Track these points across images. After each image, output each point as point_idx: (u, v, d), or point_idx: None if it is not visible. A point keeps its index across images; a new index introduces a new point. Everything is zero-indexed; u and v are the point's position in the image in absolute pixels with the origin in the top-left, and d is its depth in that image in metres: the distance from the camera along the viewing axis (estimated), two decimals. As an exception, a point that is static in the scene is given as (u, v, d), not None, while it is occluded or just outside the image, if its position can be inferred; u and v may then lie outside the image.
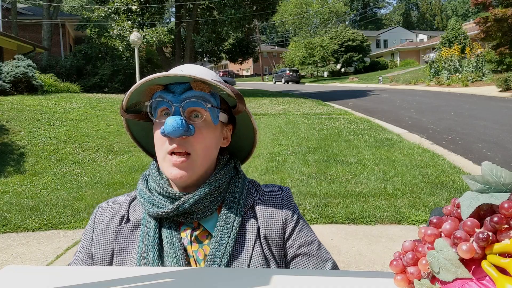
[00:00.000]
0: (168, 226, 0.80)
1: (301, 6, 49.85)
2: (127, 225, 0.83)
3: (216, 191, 0.81)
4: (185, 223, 0.81)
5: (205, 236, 0.80)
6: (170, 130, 0.73)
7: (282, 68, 40.73)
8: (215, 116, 0.80)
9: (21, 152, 6.60)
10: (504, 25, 17.19)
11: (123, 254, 0.81)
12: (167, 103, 0.77)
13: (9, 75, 10.04)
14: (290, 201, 0.86)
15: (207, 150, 0.80)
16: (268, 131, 8.41)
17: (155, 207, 0.79)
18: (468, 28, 29.29)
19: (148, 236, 0.79)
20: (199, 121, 0.78)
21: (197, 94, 0.77)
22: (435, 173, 5.29)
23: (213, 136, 0.81)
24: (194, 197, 0.77)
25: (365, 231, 3.77)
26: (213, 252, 0.76)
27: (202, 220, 0.81)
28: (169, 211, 0.77)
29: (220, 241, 0.77)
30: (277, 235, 0.81)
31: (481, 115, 9.82)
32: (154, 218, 0.81)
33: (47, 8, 18.09)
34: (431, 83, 20.26)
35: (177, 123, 0.73)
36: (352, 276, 0.62)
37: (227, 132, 0.87)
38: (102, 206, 0.89)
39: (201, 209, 0.79)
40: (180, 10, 17.75)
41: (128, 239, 0.82)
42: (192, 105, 0.77)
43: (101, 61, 15.86)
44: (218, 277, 0.63)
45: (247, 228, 0.80)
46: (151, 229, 0.79)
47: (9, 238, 3.90)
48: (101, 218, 0.86)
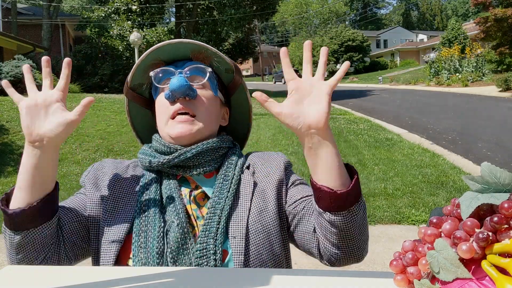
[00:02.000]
0: (168, 181, 0.81)
1: (301, 6, 49.86)
2: (126, 178, 0.84)
3: (216, 151, 0.84)
4: (184, 184, 0.82)
5: (202, 199, 0.81)
6: (176, 86, 0.77)
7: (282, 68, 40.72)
8: (214, 86, 0.85)
9: (21, 152, 6.58)
10: (504, 25, 17.19)
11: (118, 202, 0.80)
12: (171, 71, 0.82)
13: (9, 75, 10.04)
14: (282, 158, 0.89)
15: (209, 115, 0.83)
16: (268, 131, 8.41)
17: (155, 159, 0.81)
18: (468, 28, 29.29)
19: (149, 191, 0.80)
20: (201, 86, 0.83)
21: (197, 64, 0.83)
22: (435, 173, 5.29)
23: (214, 105, 0.85)
24: (196, 148, 0.80)
25: (365, 231, 3.77)
26: (213, 205, 0.77)
27: (200, 181, 0.82)
28: (171, 158, 0.79)
29: (220, 195, 0.79)
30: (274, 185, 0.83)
31: (481, 115, 9.81)
32: (155, 173, 0.82)
33: (47, 8, 18.09)
34: (431, 83, 20.26)
35: (182, 80, 0.77)
36: (352, 276, 0.62)
37: (225, 114, 0.92)
38: (101, 161, 0.90)
39: (202, 163, 0.81)
40: (180, 10, 17.76)
41: (126, 191, 0.82)
42: (193, 72, 0.83)
43: (101, 61, 15.86)
44: (218, 277, 0.63)
45: (244, 183, 0.83)
46: (152, 184, 0.81)
47: (9, 238, 3.90)
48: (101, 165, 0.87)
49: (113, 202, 0.80)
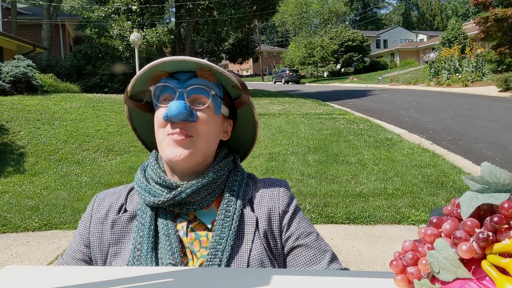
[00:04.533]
0: (164, 217, 0.78)
1: (301, 6, 49.87)
2: (124, 215, 0.82)
3: (215, 182, 0.80)
4: (181, 215, 0.80)
5: (202, 229, 0.79)
6: (174, 113, 0.73)
7: (282, 68, 40.71)
8: (217, 106, 0.80)
9: (21, 152, 6.60)
10: (504, 25, 17.19)
11: (118, 244, 0.80)
12: (172, 88, 0.77)
13: (9, 75, 10.03)
14: (287, 192, 0.85)
15: (208, 137, 0.79)
16: (268, 131, 8.41)
17: (151, 196, 0.78)
18: (468, 28, 29.30)
19: (144, 228, 0.78)
20: (202, 108, 0.77)
21: (202, 82, 0.78)
22: (435, 173, 5.29)
23: (214, 125, 0.80)
24: (191, 187, 0.76)
25: (365, 231, 3.77)
26: (214, 246, 0.75)
27: (198, 213, 0.80)
28: (165, 200, 0.76)
29: (221, 235, 0.76)
30: (275, 227, 0.80)
31: (481, 115, 9.81)
32: (150, 209, 0.80)
33: (47, 8, 18.09)
34: (431, 83, 20.25)
35: (181, 106, 0.73)
36: (352, 276, 0.62)
37: (228, 127, 0.87)
38: (100, 195, 0.88)
39: (198, 200, 0.78)
40: (180, 10, 17.76)
41: (124, 230, 0.81)
42: (196, 92, 0.77)
43: (101, 61, 15.85)
44: (218, 277, 0.63)
45: (246, 221, 0.79)
46: (147, 220, 0.78)
47: (9, 238, 3.90)
48: (100, 207, 0.85)
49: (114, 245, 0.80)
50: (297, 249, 0.80)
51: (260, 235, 0.79)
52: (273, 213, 0.81)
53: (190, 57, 0.76)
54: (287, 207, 0.83)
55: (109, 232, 0.81)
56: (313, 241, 0.81)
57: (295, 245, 0.80)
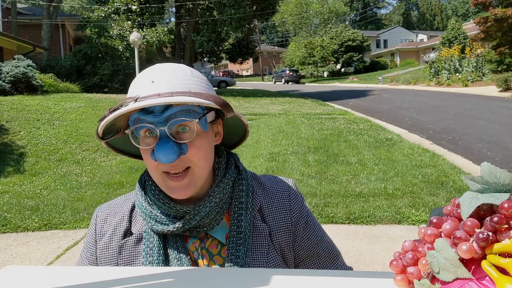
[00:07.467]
0: (174, 240, 0.75)
1: (301, 6, 49.91)
2: (130, 238, 0.79)
3: (221, 200, 0.77)
4: (191, 238, 0.78)
5: (215, 246, 0.77)
6: (165, 161, 0.67)
7: (282, 68, 40.72)
8: (204, 123, 0.72)
9: (21, 152, 6.60)
10: (504, 25, 17.20)
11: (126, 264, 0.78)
12: (150, 125, 0.68)
13: (9, 75, 10.03)
14: (297, 200, 0.83)
15: (205, 159, 0.74)
16: (268, 131, 8.41)
17: (158, 224, 0.75)
18: (468, 28, 29.29)
19: (152, 252, 0.75)
20: (189, 135, 0.70)
21: (180, 109, 0.68)
22: (435, 173, 5.29)
23: (206, 142, 0.74)
24: (199, 214, 0.73)
25: (365, 231, 3.77)
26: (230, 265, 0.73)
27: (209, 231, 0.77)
28: (174, 229, 0.73)
29: (236, 254, 0.74)
30: (288, 238, 0.80)
31: (481, 115, 9.81)
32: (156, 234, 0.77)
33: (47, 8, 18.08)
34: (431, 83, 20.26)
35: (169, 151, 0.66)
36: (352, 276, 0.62)
37: (218, 127, 0.80)
38: (100, 215, 0.84)
39: (208, 222, 0.75)
40: (180, 10, 17.76)
41: (132, 253, 0.78)
42: (177, 122, 0.69)
43: (101, 61, 15.85)
44: (218, 277, 0.63)
45: (259, 233, 0.78)
46: (155, 244, 0.76)
47: (9, 238, 3.90)
48: (103, 229, 0.83)
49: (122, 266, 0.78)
50: (309, 259, 0.82)
51: (275, 247, 0.78)
52: (286, 225, 0.80)
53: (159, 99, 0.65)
54: (298, 218, 0.82)
55: (117, 257, 0.79)
56: (323, 250, 0.83)
57: (307, 255, 0.81)
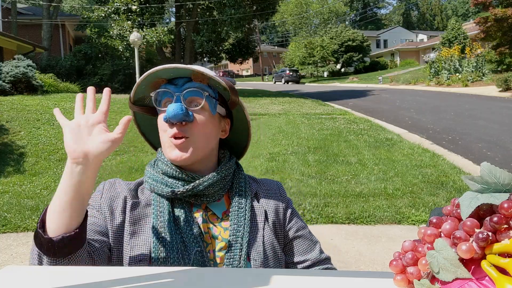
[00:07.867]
0: (181, 206, 0.86)
1: (301, 6, 49.90)
2: (141, 199, 0.88)
3: (225, 178, 0.90)
4: (195, 205, 0.88)
5: (215, 219, 0.88)
6: (171, 115, 0.80)
7: (282, 68, 40.69)
8: (213, 106, 0.87)
9: (21, 152, 6.60)
10: (504, 25, 17.19)
11: (136, 225, 0.84)
12: (170, 93, 0.85)
13: (9, 75, 10.03)
14: (284, 192, 1.01)
15: (205, 136, 0.86)
16: (268, 131, 8.41)
17: (168, 187, 0.85)
18: (468, 28, 29.29)
19: (163, 214, 0.83)
20: (198, 109, 0.85)
21: (196, 85, 0.85)
22: (435, 173, 5.29)
23: (211, 124, 0.88)
24: (208, 181, 0.85)
25: (365, 231, 3.77)
26: (234, 233, 0.84)
27: (210, 204, 0.89)
28: (184, 191, 0.84)
29: (238, 223, 0.86)
30: (280, 219, 0.94)
31: (481, 115, 9.81)
32: (165, 199, 0.86)
33: (47, 8, 18.08)
34: (431, 83, 20.25)
35: (178, 108, 0.81)
36: (352, 276, 0.62)
37: (225, 125, 0.94)
38: (107, 183, 0.91)
39: (212, 193, 0.87)
40: (180, 10, 17.76)
41: (142, 213, 0.86)
42: (191, 94, 0.85)
43: (101, 61, 15.85)
44: (219, 277, 0.63)
45: (256, 212, 0.91)
46: (165, 207, 0.84)
47: (9, 238, 3.90)
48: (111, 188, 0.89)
49: (131, 225, 0.83)
50: (296, 240, 0.95)
51: (270, 224, 0.91)
52: (279, 207, 0.95)
53: (183, 65, 0.84)
54: (288, 203, 0.98)
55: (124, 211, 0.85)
56: (307, 233, 0.98)
57: (294, 236, 0.95)
